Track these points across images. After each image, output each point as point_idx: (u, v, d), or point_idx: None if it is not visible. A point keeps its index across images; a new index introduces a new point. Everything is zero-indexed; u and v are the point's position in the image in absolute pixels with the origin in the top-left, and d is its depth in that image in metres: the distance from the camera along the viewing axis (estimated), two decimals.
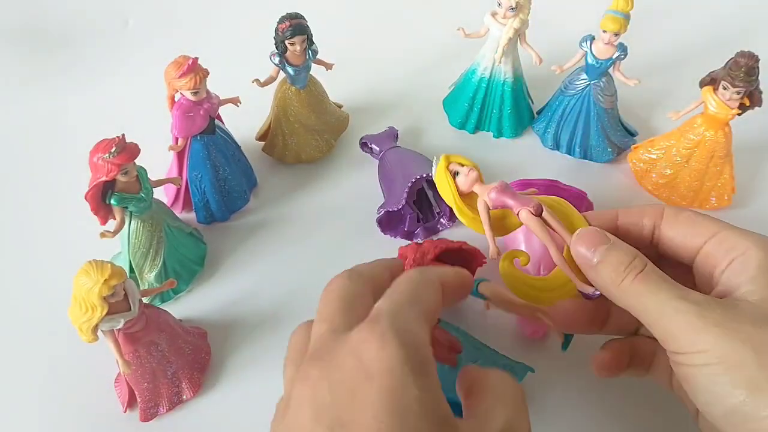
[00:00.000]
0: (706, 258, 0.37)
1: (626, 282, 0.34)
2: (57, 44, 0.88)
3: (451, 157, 0.42)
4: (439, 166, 0.41)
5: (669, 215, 0.39)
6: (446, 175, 0.41)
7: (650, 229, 0.39)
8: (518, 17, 0.67)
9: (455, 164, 0.41)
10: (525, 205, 0.39)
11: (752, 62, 0.59)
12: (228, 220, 0.67)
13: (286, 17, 0.64)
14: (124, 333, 0.49)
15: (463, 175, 0.41)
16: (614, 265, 0.35)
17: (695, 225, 0.37)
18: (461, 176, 0.41)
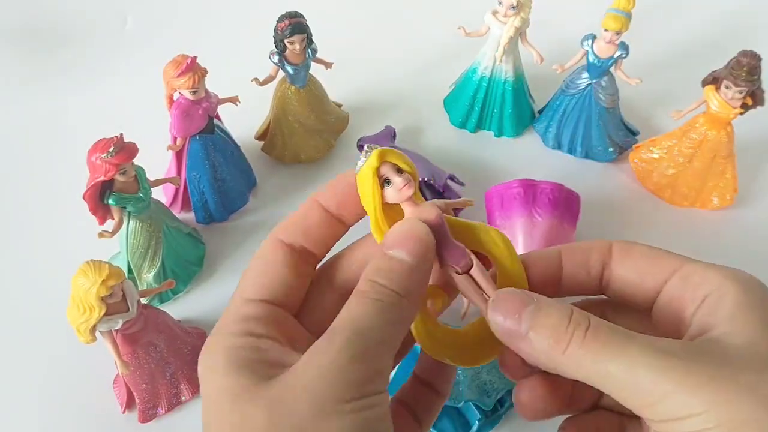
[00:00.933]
0: (670, 300, 0.30)
1: (573, 347, 0.26)
2: (56, 44, 0.88)
3: (388, 156, 0.30)
4: (367, 165, 0.30)
5: (619, 251, 0.31)
6: (373, 181, 0.30)
7: (599, 270, 0.32)
8: (519, 16, 0.67)
9: (390, 167, 0.30)
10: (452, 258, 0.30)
11: (754, 61, 0.59)
12: (227, 220, 0.67)
13: (285, 16, 0.63)
14: (122, 334, 0.49)
15: (395, 187, 0.30)
16: (550, 328, 0.27)
17: (652, 260, 0.31)
18: (392, 188, 0.30)
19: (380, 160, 0.30)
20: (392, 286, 0.27)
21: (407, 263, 0.28)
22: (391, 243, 0.29)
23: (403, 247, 0.28)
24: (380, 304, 0.27)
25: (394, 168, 0.30)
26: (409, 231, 0.29)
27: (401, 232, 0.29)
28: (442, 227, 0.30)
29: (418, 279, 0.28)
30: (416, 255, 0.28)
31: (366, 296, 0.27)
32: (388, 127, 0.71)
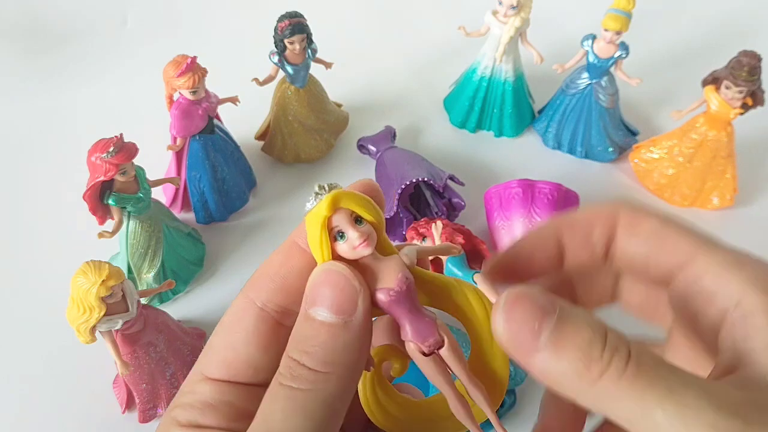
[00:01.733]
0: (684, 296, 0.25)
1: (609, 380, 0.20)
2: (56, 44, 0.88)
3: (344, 201, 0.23)
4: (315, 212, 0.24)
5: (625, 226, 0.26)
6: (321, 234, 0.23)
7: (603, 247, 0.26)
8: (519, 16, 0.67)
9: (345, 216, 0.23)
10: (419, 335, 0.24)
11: (755, 61, 0.59)
12: (227, 220, 0.67)
13: (285, 16, 0.63)
14: (122, 334, 0.49)
15: (349, 244, 0.23)
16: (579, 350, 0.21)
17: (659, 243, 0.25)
18: (346, 245, 0.23)
19: (333, 209, 0.23)
20: (312, 364, 0.21)
21: (332, 324, 0.22)
22: (308, 298, 0.23)
23: (322, 303, 0.22)
24: (297, 395, 0.21)
25: (352, 217, 0.24)
26: (328, 278, 0.23)
27: (316, 280, 0.23)
28: (408, 294, 0.24)
29: (350, 343, 0.22)
30: (344, 310, 0.22)
31: (280, 383, 0.21)
32: (388, 127, 0.71)
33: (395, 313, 0.24)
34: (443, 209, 0.65)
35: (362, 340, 0.23)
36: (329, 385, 0.21)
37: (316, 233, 0.23)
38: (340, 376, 0.22)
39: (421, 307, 0.24)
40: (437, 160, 0.67)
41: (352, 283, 0.23)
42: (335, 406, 0.22)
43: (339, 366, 0.22)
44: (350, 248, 0.23)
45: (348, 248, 0.23)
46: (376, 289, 0.23)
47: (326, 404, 0.21)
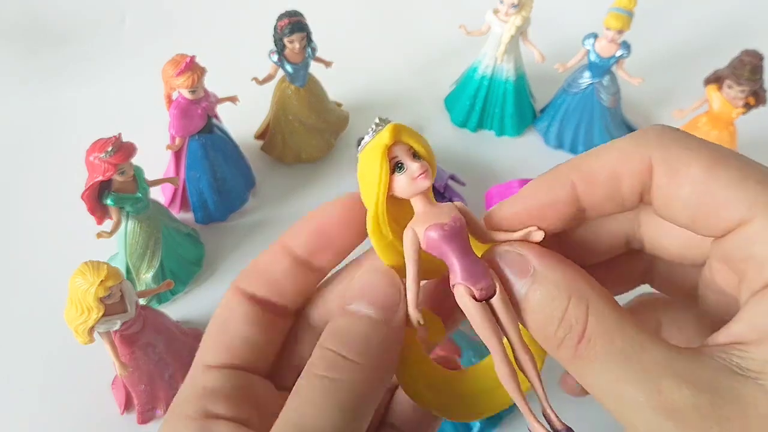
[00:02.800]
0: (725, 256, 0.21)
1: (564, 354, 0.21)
2: (54, 43, 0.87)
3: (404, 134, 0.23)
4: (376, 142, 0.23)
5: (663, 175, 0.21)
6: (381, 163, 0.22)
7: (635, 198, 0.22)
8: (520, 14, 0.66)
9: (404, 149, 0.23)
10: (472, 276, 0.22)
11: (757, 61, 0.59)
12: (226, 220, 0.67)
13: (284, 15, 0.63)
14: (120, 335, 0.48)
15: (409, 175, 0.22)
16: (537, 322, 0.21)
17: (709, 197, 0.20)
18: (405, 176, 0.22)
19: (394, 138, 0.22)
20: (350, 354, 0.21)
21: (371, 319, 0.22)
22: (351, 295, 0.23)
23: (365, 298, 0.22)
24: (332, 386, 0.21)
25: (410, 151, 0.23)
26: (374, 277, 0.23)
27: (362, 280, 0.23)
28: (462, 232, 0.22)
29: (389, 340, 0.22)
30: (384, 306, 0.22)
31: (314, 373, 0.21)
32: None
33: (446, 252, 0.22)
34: None
35: (399, 341, 0.23)
36: (365, 376, 0.21)
37: (375, 162, 0.22)
38: (375, 369, 0.21)
39: (473, 252, 0.23)
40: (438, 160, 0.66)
41: (398, 283, 0.23)
42: (368, 401, 0.21)
43: (376, 359, 0.21)
44: (409, 180, 0.23)
45: (407, 180, 0.23)
46: (430, 225, 0.22)
47: (361, 397, 0.21)
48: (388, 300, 0.22)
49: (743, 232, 0.20)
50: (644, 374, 0.19)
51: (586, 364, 0.20)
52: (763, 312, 0.19)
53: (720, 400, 0.18)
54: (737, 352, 0.19)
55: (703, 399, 0.18)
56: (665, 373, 0.19)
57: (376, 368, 0.21)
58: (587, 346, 0.20)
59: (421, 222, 0.23)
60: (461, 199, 0.63)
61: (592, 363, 0.20)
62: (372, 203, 0.23)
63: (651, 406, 0.19)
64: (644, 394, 0.19)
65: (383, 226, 0.23)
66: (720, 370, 0.19)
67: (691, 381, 0.19)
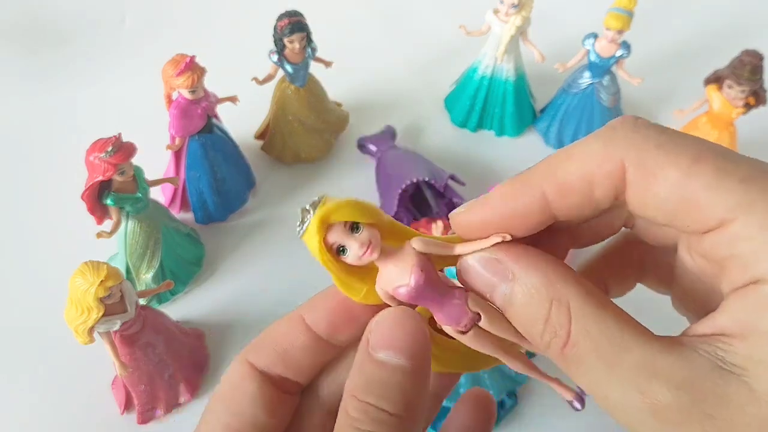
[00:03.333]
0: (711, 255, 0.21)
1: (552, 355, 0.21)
2: (53, 43, 0.87)
3: (333, 215, 0.22)
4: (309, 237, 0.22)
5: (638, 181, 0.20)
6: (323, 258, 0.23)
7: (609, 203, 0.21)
8: (520, 14, 0.66)
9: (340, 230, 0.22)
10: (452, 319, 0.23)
11: (757, 61, 0.59)
12: (226, 220, 0.67)
13: (284, 15, 0.63)
14: (120, 335, 0.48)
15: (354, 255, 0.22)
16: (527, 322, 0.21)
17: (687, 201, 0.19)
18: (350, 256, 0.22)
19: (323, 230, 0.22)
20: (391, 408, 0.21)
21: (404, 369, 0.21)
22: (377, 342, 0.22)
23: (394, 348, 0.21)
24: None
25: (347, 227, 0.22)
26: (399, 323, 0.22)
27: (387, 325, 0.22)
28: (427, 283, 0.23)
29: (421, 387, 0.21)
30: (415, 355, 0.21)
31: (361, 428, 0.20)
32: (389, 127, 0.71)
33: (421, 303, 0.23)
34: (444, 209, 0.64)
35: (428, 382, 0.22)
36: (407, 426, 0.21)
37: (317, 254, 0.23)
38: (415, 419, 0.21)
39: (445, 289, 0.23)
40: (438, 160, 0.67)
41: (423, 327, 0.22)
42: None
43: (415, 409, 0.21)
44: (356, 259, 0.23)
45: (354, 258, 0.23)
46: (395, 287, 0.23)
47: None
48: (418, 348, 0.22)
49: (725, 232, 0.19)
50: (627, 376, 0.19)
51: (573, 366, 0.20)
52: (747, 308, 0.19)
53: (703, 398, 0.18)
54: (721, 345, 0.19)
55: (686, 398, 0.18)
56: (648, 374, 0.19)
57: (415, 418, 0.21)
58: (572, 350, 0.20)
59: (386, 283, 0.23)
60: (461, 199, 0.63)
61: (578, 365, 0.20)
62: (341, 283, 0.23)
63: (636, 408, 0.19)
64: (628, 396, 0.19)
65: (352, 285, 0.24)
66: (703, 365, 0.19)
67: (673, 380, 0.19)
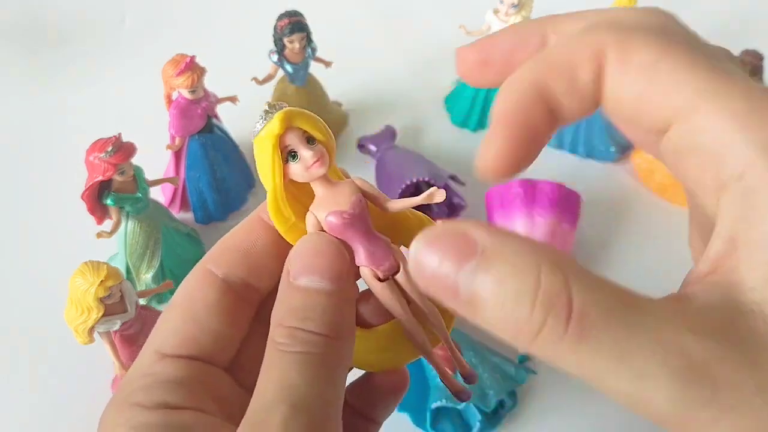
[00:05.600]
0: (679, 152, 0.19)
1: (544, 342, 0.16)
2: (53, 43, 0.87)
3: (295, 120, 0.22)
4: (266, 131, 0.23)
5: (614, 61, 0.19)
6: (273, 155, 0.22)
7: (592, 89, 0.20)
8: (520, 14, 0.67)
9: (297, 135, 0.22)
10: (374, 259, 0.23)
11: (757, 61, 0.59)
12: (226, 220, 0.67)
13: (284, 15, 0.63)
14: (120, 335, 0.48)
15: (303, 164, 0.22)
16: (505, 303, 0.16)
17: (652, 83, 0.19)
18: (299, 165, 0.23)
19: (284, 126, 0.22)
20: (316, 328, 0.21)
21: (327, 291, 0.21)
22: (298, 270, 0.22)
23: (315, 273, 0.22)
24: (309, 359, 0.20)
25: (304, 137, 0.23)
26: (316, 248, 0.22)
27: (306, 251, 0.22)
28: (362, 216, 0.23)
29: (345, 308, 0.22)
30: (335, 277, 0.22)
31: (289, 350, 0.21)
32: (389, 127, 0.71)
33: (348, 236, 0.23)
34: (444, 209, 0.64)
35: (353, 302, 0.23)
36: (331, 345, 0.21)
37: (267, 154, 0.22)
38: (339, 338, 0.21)
39: (375, 232, 0.23)
40: (438, 160, 0.67)
41: (342, 251, 0.22)
42: (343, 368, 0.21)
43: (337, 329, 0.21)
44: (303, 168, 0.23)
45: (301, 168, 0.23)
46: (330, 212, 0.23)
47: (337, 366, 0.21)
48: (339, 270, 0.22)
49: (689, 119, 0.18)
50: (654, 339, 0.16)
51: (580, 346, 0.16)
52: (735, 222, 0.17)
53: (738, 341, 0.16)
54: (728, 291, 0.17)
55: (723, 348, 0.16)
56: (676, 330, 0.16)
57: (342, 336, 0.21)
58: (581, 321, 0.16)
59: (321, 207, 0.23)
60: (461, 199, 0.63)
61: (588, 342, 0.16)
62: (270, 190, 0.23)
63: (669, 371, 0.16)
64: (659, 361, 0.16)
65: (284, 209, 0.23)
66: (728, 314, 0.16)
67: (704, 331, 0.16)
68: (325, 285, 0.21)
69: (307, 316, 0.21)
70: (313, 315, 0.21)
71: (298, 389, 0.20)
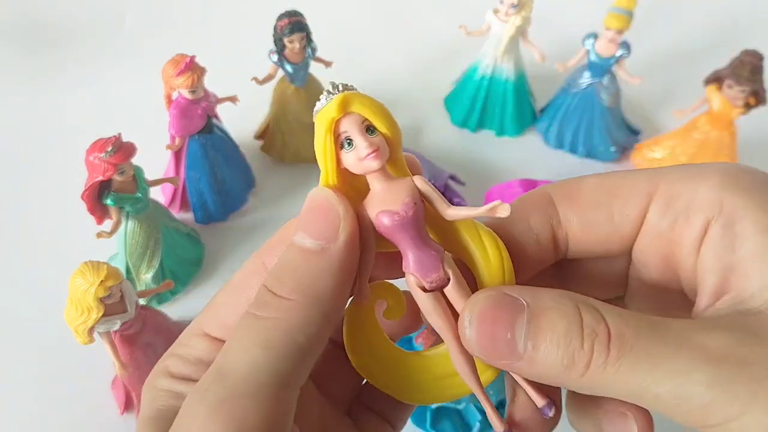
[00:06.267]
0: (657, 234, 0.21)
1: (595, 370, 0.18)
2: (54, 43, 0.87)
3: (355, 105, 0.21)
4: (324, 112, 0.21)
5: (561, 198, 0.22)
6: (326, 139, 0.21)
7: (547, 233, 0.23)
8: (520, 14, 0.66)
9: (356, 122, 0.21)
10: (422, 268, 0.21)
11: (757, 61, 0.59)
12: (226, 221, 0.67)
13: (284, 15, 0.63)
14: (120, 335, 0.48)
15: (356, 155, 0.21)
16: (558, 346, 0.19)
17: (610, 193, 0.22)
18: (352, 154, 0.21)
19: (342, 110, 0.21)
20: (280, 290, 0.20)
21: (307, 250, 0.20)
22: (297, 225, 0.21)
23: (304, 228, 0.20)
24: (256, 324, 0.19)
25: (364, 125, 0.21)
26: (311, 202, 0.21)
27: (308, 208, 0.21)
28: (414, 220, 0.21)
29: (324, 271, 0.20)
30: (323, 235, 0.20)
31: (246, 312, 0.20)
32: None
33: (398, 240, 0.21)
34: None
35: (340, 270, 0.20)
36: (292, 314, 0.19)
37: (321, 137, 0.21)
38: (306, 306, 0.20)
39: (428, 238, 0.21)
40: (438, 160, 0.67)
41: (336, 207, 0.20)
42: (298, 339, 0.19)
43: (307, 295, 0.20)
44: (357, 159, 0.21)
45: (354, 159, 0.21)
46: (380, 211, 0.21)
47: (288, 335, 0.19)
48: (324, 227, 0.20)
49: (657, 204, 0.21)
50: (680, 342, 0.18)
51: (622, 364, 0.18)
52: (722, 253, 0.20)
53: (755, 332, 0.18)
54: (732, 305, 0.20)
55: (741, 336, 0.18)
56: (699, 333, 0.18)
57: (306, 305, 0.20)
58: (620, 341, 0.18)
59: (373, 204, 0.21)
60: (461, 198, 0.63)
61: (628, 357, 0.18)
62: (322, 175, 0.22)
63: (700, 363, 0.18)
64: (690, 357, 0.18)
65: None
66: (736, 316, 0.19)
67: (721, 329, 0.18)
68: (309, 243, 0.20)
69: (280, 276, 0.20)
70: (285, 276, 0.20)
71: (231, 355, 0.19)
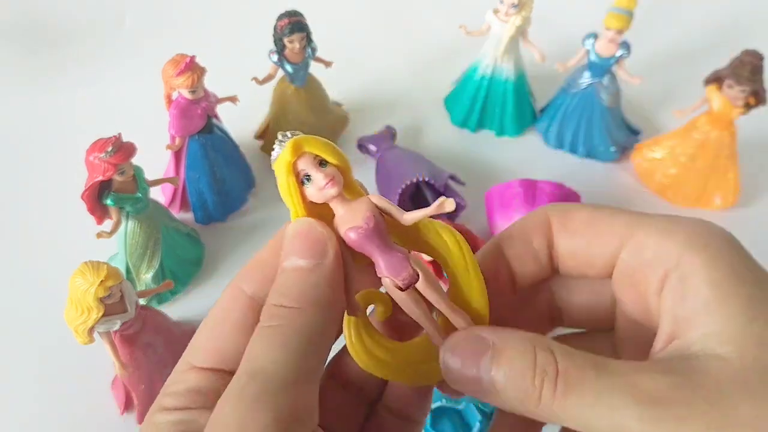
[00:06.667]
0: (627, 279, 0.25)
1: (545, 402, 0.22)
2: (54, 43, 0.87)
3: (306, 146, 0.24)
4: (280, 159, 0.25)
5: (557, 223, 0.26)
6: (288, 180, 0.25)
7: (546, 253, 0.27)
8: (520, 14, 0.66)
9: (309, 160, 0.24)
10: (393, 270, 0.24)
11: (757, 61, 0.59)
12: (226, 221, 0.67)
13: (284, 15, 0.63)
14: (120, 335, 0.48)
15: (315, 186, 0.24)
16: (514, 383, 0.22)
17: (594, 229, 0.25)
18: (312, 187, 0.25)
19: (295, 154, 0.24)
20: (289, 302, 0.23)
21: (303, 268, 0.23)
22: (284, 254, 0.24)
23: (295, 253, 0.24)
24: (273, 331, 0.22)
25: (316, 161, 0.24)
26: (296, 230, 0.24)
27: (291, 236, 0.24)
28: (377, 230, 0.24)
29: (323, 281, 0.23)
30: (313, 255, 0.24)
31: (261, 327, 0.23)
32: (389, 127, 0.71)
33: (368, 250, 0.25)
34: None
35: (333, 279, 0.24)
36: (302, 317, 0.23)
37: (283, 179, 0.25)
38: (312, 311, 0.23)
39: (392, 244, 0.25)
40: (438, 160, 0.67)
41: (319, 229, 0.24)
42: (311, 337, 0.23)
43: (310, 302, 0.23)
44: (317, 190, 0.24)
45: (315, 190, 0.25)
46: (347, 228, 0.25)
47: (301, 334, 0.22)
48: (313, 247, 0.24)
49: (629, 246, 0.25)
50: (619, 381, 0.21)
51: (567, 398, 0.21)
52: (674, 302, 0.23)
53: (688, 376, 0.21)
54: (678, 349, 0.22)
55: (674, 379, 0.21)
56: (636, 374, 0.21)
57: (312, 311, 0.23)
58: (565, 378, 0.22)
59: (340, 225, 0.25)
60: (461, 198, 0.63)
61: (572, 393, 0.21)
62: (292, 212, 0.25)
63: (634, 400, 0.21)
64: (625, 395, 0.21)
65: None
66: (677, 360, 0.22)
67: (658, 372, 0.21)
68: (302, 263, 0.23)
69: (283, 292, 0.23)
70: (287, 291, 0.23)
71: (256, 359, 0.22)
